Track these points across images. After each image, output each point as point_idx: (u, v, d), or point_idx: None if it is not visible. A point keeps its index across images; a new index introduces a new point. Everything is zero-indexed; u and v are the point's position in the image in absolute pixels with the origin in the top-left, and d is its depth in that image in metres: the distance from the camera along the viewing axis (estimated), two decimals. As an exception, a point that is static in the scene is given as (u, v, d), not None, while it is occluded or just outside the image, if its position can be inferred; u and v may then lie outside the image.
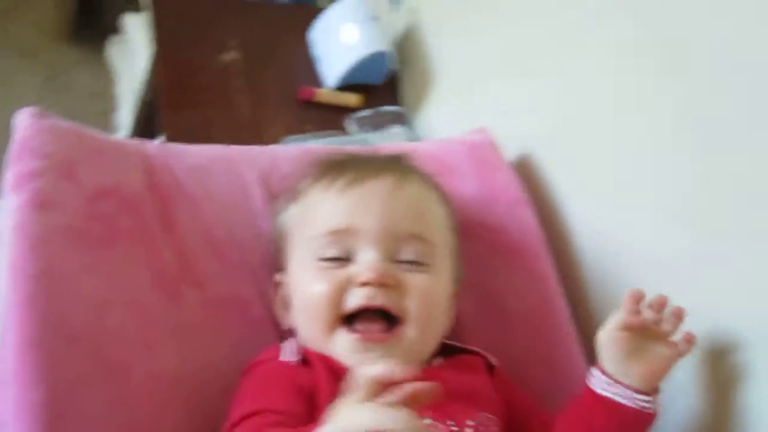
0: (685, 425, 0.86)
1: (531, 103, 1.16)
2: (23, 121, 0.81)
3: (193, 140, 0.99)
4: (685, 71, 0.86)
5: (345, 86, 1.42)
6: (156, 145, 0.93)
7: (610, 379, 0.78)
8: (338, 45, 1.40)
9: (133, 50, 1.81)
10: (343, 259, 0.79)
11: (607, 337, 0.78)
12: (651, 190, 0.93)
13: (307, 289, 0.80)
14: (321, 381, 0.74)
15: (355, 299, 0.77)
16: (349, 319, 0.78)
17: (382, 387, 0.55)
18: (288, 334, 0.87)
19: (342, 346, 0.77)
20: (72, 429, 0.69)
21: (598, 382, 0.79)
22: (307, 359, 0.78)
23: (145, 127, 1.55)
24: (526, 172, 1.11)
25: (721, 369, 0.83)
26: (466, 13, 1.32)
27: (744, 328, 0.80)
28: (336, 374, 0.74)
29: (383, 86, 1.46)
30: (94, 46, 2.13)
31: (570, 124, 1.07)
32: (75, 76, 2.15)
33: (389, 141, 1.27)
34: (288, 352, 0.79)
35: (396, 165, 0.88)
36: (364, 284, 0.77)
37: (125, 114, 1.83)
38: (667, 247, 0.90)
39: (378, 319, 0.78)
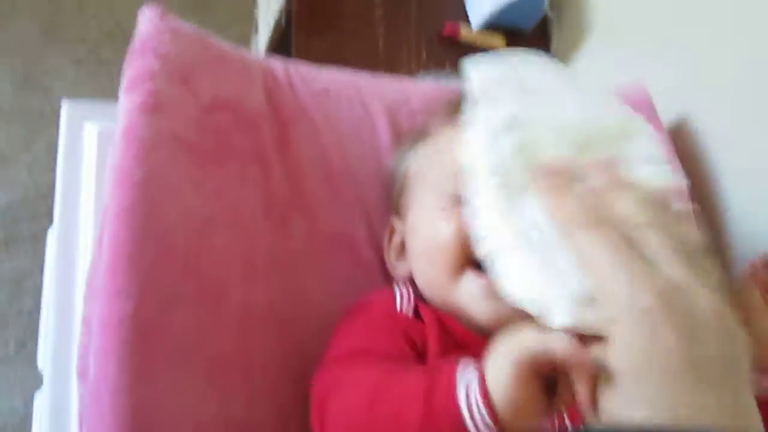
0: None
1: (688, 62, 1.03)
2: (145, 19, 0.76)
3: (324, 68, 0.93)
4: None
5: (493, 27, 1.31)
6: (282, 63, 0.87)
7: None
8: (490, -19, 1.29)
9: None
10: None
11: None
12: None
13: (432, 231, 0.72)
14: (432, 339, 0.67)
15: None
16: (477, 265, 0.69)
17: None
18: (397, 280, 0.80)
19: (469, 291, 0.69)
20: (160, 350, 0.65)
21: None
22: (419, 314, 0.71)
23: (280, 54, 1.51)
24: (680, 136, 1.00)
25: None
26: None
27: None
28: (448, 335, 0.68)
29: (533, 32, 1.35)
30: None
31: (734, 88, 0.95)
32: (218, -1, 2.14)
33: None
34: (404, 303, 0.72)
35: None
36: None
37: (263, 38, 1.80)
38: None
39: None
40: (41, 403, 0.80)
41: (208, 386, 0.67)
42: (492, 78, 0.65)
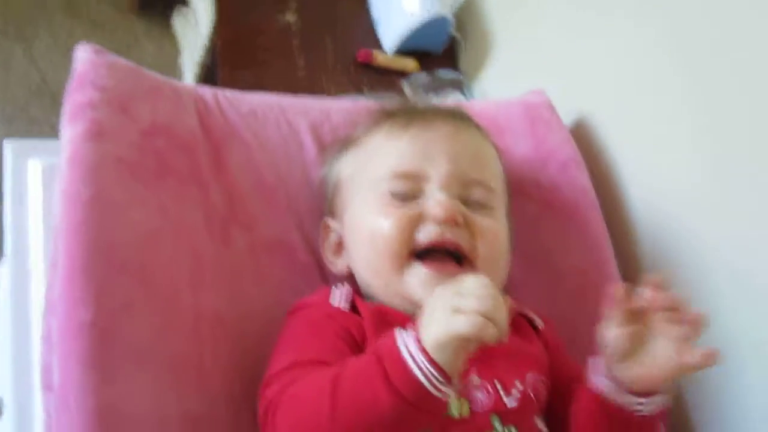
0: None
1: (589, 69, 1.14)
2: (82, 55, 0.83)
3: (249, 97, 1.00)
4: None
5: (405, 51, 1.41)
6: (211, 90, 0.94)
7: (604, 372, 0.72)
8: (399, 8, 1.39)
9: (198, 19, 1.83)
10: (411, 199, 0.79)
11: (608, 336, 0.69)
12: (710, 154, 0.90)
13: (375, 225, 0.79)
14: (370, 332, 0.73)
15: (428, 234, 0.76)
16: (418, 256, 0.77)
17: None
18: (333, 280, 0.87)
19: (414, 279, 0.76)
20: (119, 352, 0.70)
21: (595, 373, 0.73)
22: (355, 307, 0.77)
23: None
24: (582, 134, 1.10)
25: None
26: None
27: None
28: (389, 324, 0.72)
29: (442, 53, 1.45)
30: (160, 17, 2.17)
31: (628, 88, 1.05)
32: (142, 47, 2.19)
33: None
34: (338, 297, 0.78)
35: (455, 114, 0.88)
36: (437, 220, 0.76)
37: (189, 74, 1.86)
38: (725, 210, 0.88)
39: (447, 258, 0.77)
40: (2, 427, 0.84)
41: (166, 385, 0.72)
42: None
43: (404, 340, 0.59)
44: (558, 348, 0.84)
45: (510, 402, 0.72)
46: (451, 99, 1.33)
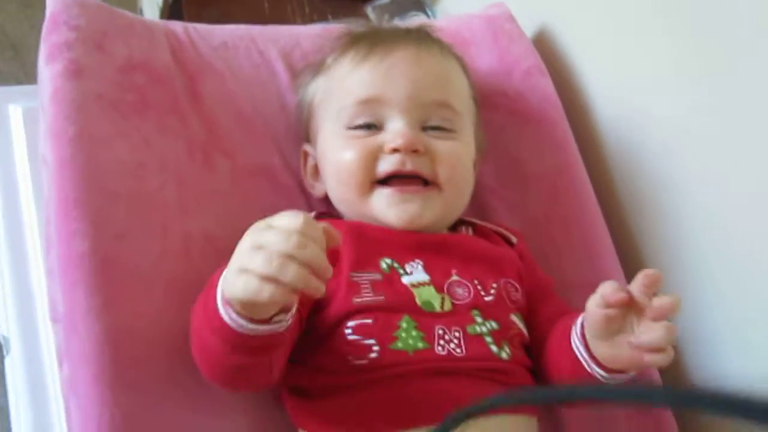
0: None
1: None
2: (52, -2, 0.85)
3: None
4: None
5: (365, -24, 1.42)
6: (180, 24, 0.96)
7: (582, 338, 0.72)
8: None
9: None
10: (373, 127, 0.82)
11: (589, 310, 0.68)
12: (671, 55, 0.92)
13: (339, 157, 0.82)
14: (346, 248, 0.76)
15: (387, 165, 0.80)
16: (382, 183, 0.81)
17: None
18: (317, 201, 0.91)
19: (379, 201, 0.80)
20: (120, 277, 0.74)
21: (575, 332, 0.73)
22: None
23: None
24: (544, 45, 1.12)
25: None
26: None
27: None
28: (367, 238, 0.78)
29: (403, -26, 1.46)
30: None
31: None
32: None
33: (409, 26, 1.28)
34: None
35: (418, 35, 0.90)
36: (395, 151, 0.79)
37: (150, 15, 1.85)
38: (686, 111, 0.91)
39: (413, 180, 0.81)
40: (11, 364, 0.88)
41: (170, 304, 0.76)
42: None
43: (221, 289, 0.62)
44: (531, 262, 0.88)
45: (488, 298, 0.78)
46: (416, 20, 1.35)
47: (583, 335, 0.71)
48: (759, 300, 0.83)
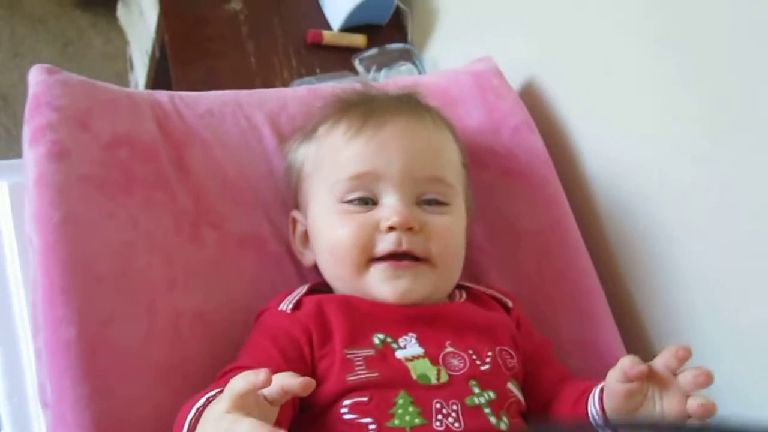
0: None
1: (535, 33, 1.16)
2: (35, 77, 0.84)
3: (204, 91, 1.01)
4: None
5: (351, 27, 1.43)
6: (166, 93, 0.96)
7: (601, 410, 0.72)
8: (341, -15, 1.40)
9: (143, 10, 1.83)
10: (367, 202, 0.82)
11: (609, 384, 0.69)
12: (659, 111, 0.92)
13: (334, 234, 0.82)
14: (309, 322, 0.76)
15: (384, 245, 0.79)
16: (377, 258, 0.80)
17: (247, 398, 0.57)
18: (307, 269, 0.90)
19: (374, 277, 0.80)
20: (107, 363, 0.73)
21: (593, 403, 0.74)
22: (300, 303, 0.80)
23: (160, 84, 1.58)
24: (532, 98, 1.12)
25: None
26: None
27: None
28: (359, 311, 0.78)
29: (389, 25, 1.47)
30: (105, 9, 2.15)
31: (575, 48, 1.07)
32: (88, 41, 2.17)
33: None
34: (287, 300, 0.81)
35: (410, 105, 0.89)
36: (391, 229, 0.79)
37: (140, 73, 1.86)
38: (675, 168, 0.91)
39: (405, 257, 0.80)
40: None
41: (158, 388, 0.75)
42: None
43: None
44: (527, 327, 0.88)
45: (484, 368, 0.77)
46: (404, 70, 1.36)
47: (602, 407, 0.71)
48: (757, 356, 0.83)
